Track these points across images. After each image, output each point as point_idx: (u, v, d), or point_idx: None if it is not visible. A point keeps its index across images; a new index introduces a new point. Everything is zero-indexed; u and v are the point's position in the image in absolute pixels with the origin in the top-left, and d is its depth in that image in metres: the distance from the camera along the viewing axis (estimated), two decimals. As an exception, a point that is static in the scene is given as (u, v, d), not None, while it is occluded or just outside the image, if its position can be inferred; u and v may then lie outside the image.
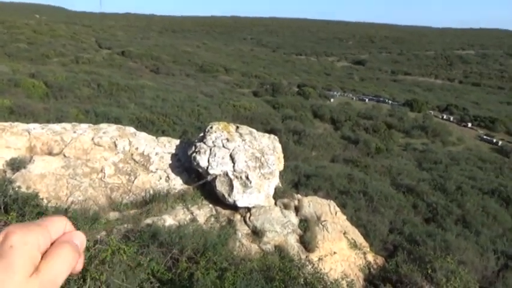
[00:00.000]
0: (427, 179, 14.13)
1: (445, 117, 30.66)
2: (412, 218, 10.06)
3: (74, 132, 6.34)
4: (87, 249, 3.10)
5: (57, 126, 6.46)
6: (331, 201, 7.10)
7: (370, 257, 6.50)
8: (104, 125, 6.89)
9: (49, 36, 43.33)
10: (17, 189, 4.61)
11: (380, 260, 6.59)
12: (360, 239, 6.80)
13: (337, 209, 6.98)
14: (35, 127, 6.24)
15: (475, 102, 40.45)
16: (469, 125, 28.35)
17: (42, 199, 4.59)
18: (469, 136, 25.91)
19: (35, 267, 0.52)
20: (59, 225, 0.59)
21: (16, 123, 6.27)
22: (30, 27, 48.79)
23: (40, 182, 5.30)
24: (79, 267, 0.60)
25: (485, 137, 25.63)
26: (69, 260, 0.56)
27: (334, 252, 5.73)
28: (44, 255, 0.54)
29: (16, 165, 5.46)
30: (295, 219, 6.15)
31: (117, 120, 12.82)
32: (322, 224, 6.21)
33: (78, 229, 0.61)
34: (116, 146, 6.31)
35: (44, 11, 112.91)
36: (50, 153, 5.86)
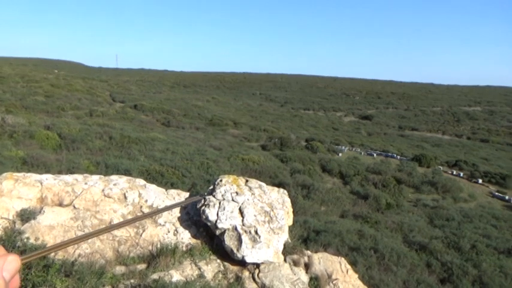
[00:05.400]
0: (440, 237, 13.74)
1: (454, 172, 30.38)
2: (426, 278, 9.66)
3: (85, 183, 6.40)
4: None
5: (69, 178, 6.54)
6: (342, 259, 6.89)
7: (384, 320, 6.18)
8: (114, 177, 6.96)
9: (66, 90, 45.09)
10: (25, 240, 4.60)
11: (395, 323, 6.25)
12: (373, 300, 6.51)
13: (348, 266, 6.75)
14: (47, 178, 6.33)
15: (484, 158, 40.21)
16: (480, 181, 27.99)
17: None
18: (480, 192, 25.48)
19: None
20: None
21: (29, 174, 6.37)
22: (49, 81, 50.98)
23: (48, 233, 5.27)
24: None
25: (497, 193, 25.16)
26: None
27: (347, 314, 5.46)
28: None
29: (26, 216, 5.48)
30: (305, 277, 5.95)
31: (127, 172, 12.95)
32: (334, 282, 5.99)
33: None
34: (125, 198, 6.32)
35: (63, 67, 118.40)
36: (61, 205, 5.88)
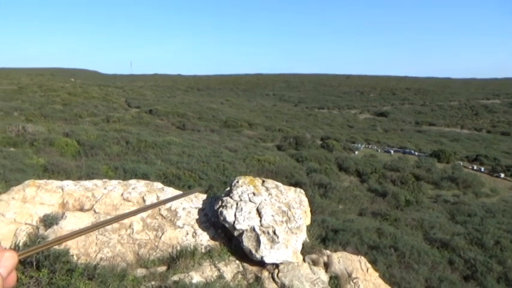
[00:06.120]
0: (462, 233, 13.46)
1: (475, 167, 29.74)
2: (449, 275, 9.48)
3: (105, 188, 6.51)
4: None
5: (88, 183, 6.67)
6: (362, 257, 6.83)
7: (407, 318, 6.10)
8: (132, 181, 7.06)
9: (83, 97, 45.94)
10: (48, 245, 4.70)
11: (418, 322, 6.16)
12: (395, 298, 6.42)
13: (369, 265, 6.69)
14: (68, 184, 6.46)
15: (505, 152, 39.25)
16: (502, 175, 27.32)
17: (73, 256, 4.64)
18: (503, 187, 24.88)
19: None
20: None
21: (51, 181, 6.52)
22: (66, 89, 52.03)
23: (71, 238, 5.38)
24: (8, 285, 0.58)
25: (520, 187, 24.54)
26: None
27: (368, 313, 5.41)
28: None
29: (49, 221, 5.61)
30: (324, 277, 5.92)
31: (144, 176, 13.10)
32: (354, 281, 5.94)
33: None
34: (144, 201, 6.41)
35: (79, 75, 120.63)
36: (81, 209, 6.00)
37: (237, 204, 6.07)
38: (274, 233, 5.69)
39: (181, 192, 7.05)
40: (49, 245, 0.69)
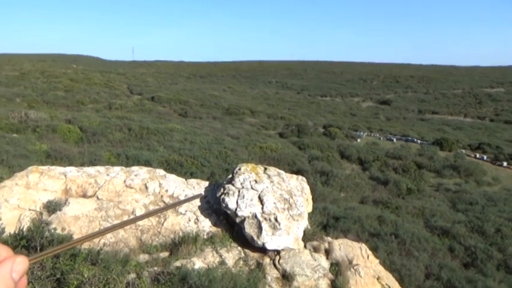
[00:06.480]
0: (463, 221, 13.52)
1: (477, 156, 29.69)
2: (449, 263, 9.55)
3: (107, 175, 6.54)
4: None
5: (91, 169, 6.69)
6: (363, 244, 6.87)
7: (407, 305, 6.16)
8: (135, 168, 7.09)
9: (85, 84, 45.86)
10: (52, 231, 4.75)
11: (417, 308, 6.23)
12: (395, 285, 6.48)
13: (369, 252, 6.74)
14: (71, 170, 6.49)
15: (508, 140, 39.12)
16: (505, 164, 27.28)
17: (76, 241, 4.69)
18: (505, 175, 24.85)
19: None
20: None
21: (54, 167, 6.55)
22: (68, 76, 51.91)
23: (74, 223, 5.43)
24: None
25: (522, 176, 24.51)
26: None
27: (368, 299, 5.47)
28: None
29: (52, 207, 5.65)
30: (325, 263, 5.97)
31: (147, 163, 13.15)
32: (354, 268, 5.99)
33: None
34: (146, 188, 6.44)
35: (81, 61, 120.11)
36: (84, 196, 6.04)
37: (239, 191, 6.10)
38: (276, 219, 5.73)
39: (183, 179, 7.09)
40: (58, 250, 0.70)
